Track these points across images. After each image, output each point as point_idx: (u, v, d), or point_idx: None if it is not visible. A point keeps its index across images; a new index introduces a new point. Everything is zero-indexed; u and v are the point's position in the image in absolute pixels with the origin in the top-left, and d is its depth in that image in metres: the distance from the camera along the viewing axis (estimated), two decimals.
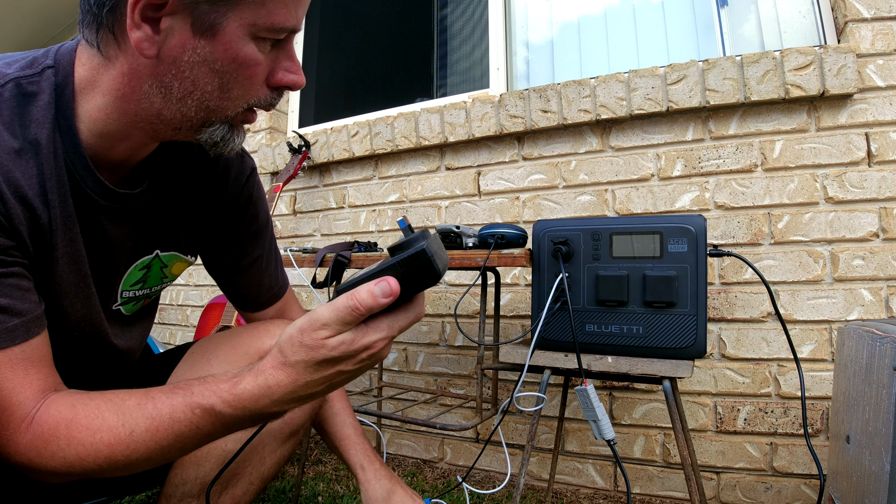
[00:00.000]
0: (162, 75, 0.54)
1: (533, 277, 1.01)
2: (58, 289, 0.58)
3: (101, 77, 0.55)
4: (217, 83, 0.54)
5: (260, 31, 0.53)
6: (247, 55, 0.54)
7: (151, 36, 0.51)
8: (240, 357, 0.73)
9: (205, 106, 0.56)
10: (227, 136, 0.60)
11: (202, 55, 0.52)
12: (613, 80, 1.45)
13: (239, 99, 0.57)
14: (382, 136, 1.81)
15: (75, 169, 0.57)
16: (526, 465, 0.93)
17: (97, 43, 0.54)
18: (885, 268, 1.20)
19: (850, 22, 1.25)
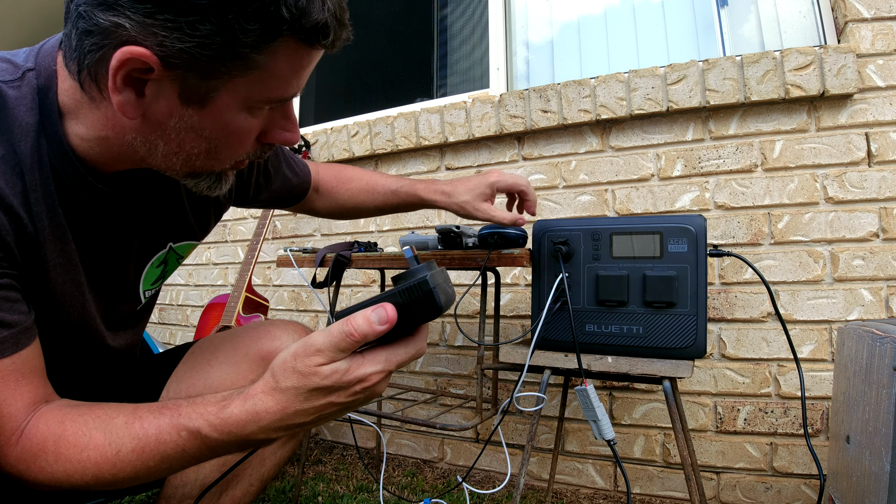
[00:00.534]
0: (147, 134, 0.51)
1: (533, 277, 1.01)
2: (52, 298, 0.57)
3: (83, 112, 0.53)
4: (204, 147, 0.52)
5: (255, 103, 0.51)
6: (238, 125, 0.51)
7: (135, 100, 0.48)
8: (240, 358, 0.73)
9: (191, 164, 0.54)
10: (214, 184, 0.58)
11: (190, 123, 0.50)
12: (613, 80, 1.45)
13: (227, 159, 0.55)
14: (382, 136, 1.81)
15: (66, 176, 0.55)
16: (526, 465, 0.93)
17: (80, 81, 0.50)
18: (885, 268, 1.20)
19: (850, 22, 1.25)
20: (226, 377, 0.71)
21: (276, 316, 2.03)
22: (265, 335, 0.75)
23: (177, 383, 0.74)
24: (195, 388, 0.72)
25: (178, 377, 0.74)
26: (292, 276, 2.03)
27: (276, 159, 0.90)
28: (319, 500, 1.38)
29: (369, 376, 0.48)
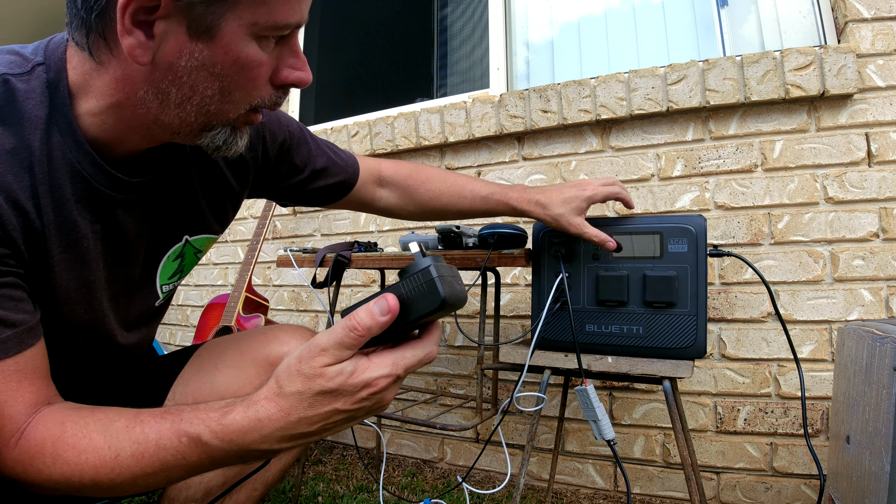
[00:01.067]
0: (158, 81, 0.50)
1: (533, 277, 1.01)
2: (56, 296, 0.57)
3: (94, 82, 0.52)
4: (217, 87, 0.51)
5: (262, 30, 0.50)
6: (248, 56, 0.50)
7: (145, 42, 0.47)
8: (247, 363, 0.72)
9: (205, 111, 0.53)
10: (230, 139, 0.57)
11: (200, 59, 0.49)
12: (613, 80, 1.45)
13: (241, 101, 0.54)
14: (382, 136, 1.81)
15: (83, 167, 0.55)
16: (526, 465, 0.93)
17: (88, 47, 0.51)
18: (885, 268, 1.20)
19: (850, 22, 1.25)
20: (232, 381, 0.71)
21: (276, 316, 2.03)
22: (273, 340, 0.74)
23: (183, 386, 0.73)
24: (201, 391, 0.71)
25: (185, 380, 0.74)
26: (292, 276, 2.03)
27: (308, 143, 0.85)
28: (319, 500, 1.38)
29: (376, 380, 0.46)
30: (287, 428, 0.47)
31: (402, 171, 0.97)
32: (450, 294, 0.45)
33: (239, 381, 0.71)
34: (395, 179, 0.97)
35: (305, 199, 0.90)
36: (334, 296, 1.34)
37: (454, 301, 0.46)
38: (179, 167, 0.67)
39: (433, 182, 0.96)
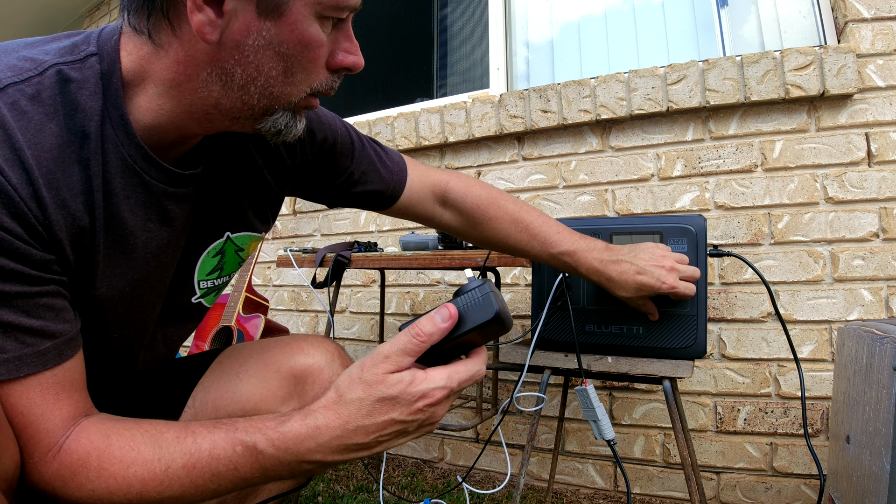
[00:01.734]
0: (223, 61, 0.50)
1: (533, 277, 1.01)
2: (98, 293, 0.55)
3: (152, 66, 0.52)
4: (281, 67, 0.52)
5: (325, 10, 0.50)
6: (312, 36, 0.51)
7: (214, 19, 0.47)
8: (270, 374, 0.70)
9: (268, 92, 0.53)
10: (290, 122, 0.57)
11: (267, 38, 0.49)
12: (613, 80, 1.45)
13: (302, 83, 0.54)
14: (382, 136, 1.81)
15: (135, 161, 0.54)
16: (526, 465, 0.93)
17: (148, 30, 0.50)
18: (885, 268, 1.20)
19: (850, 22, 1.25)
20: (254, 391, 0.69)
21: (276, 316, 2.03)
22: (298, 351, 0.72)
23: (203, 393, 0.71)
24: (223, 399, 0.70)
25: (206, 387, 0.72)
26: (292, 276, 2.03)
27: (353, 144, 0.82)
28: (319, 500, 1.38)
29: (432, 391, 0.48)
30: (344, 437, 0.48)
31: (469, 198, 0.88)
32: (502, 309, 0.49)
33: (261, 391, 0.69)
34: (461, 206, 0.89)
35: (349, 203, 0.86)
36: (334, 296, 1.34)
37: (505, 316, 0.50)
38: (224, 162, 0.66)
39: (501, 223, 0.88)
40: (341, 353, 0.74)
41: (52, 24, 3.68)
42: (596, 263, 0.84)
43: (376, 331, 1.79)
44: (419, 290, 1.73)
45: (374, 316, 1.81)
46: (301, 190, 0.82)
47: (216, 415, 0.69)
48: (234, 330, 1.73)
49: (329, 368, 0.71)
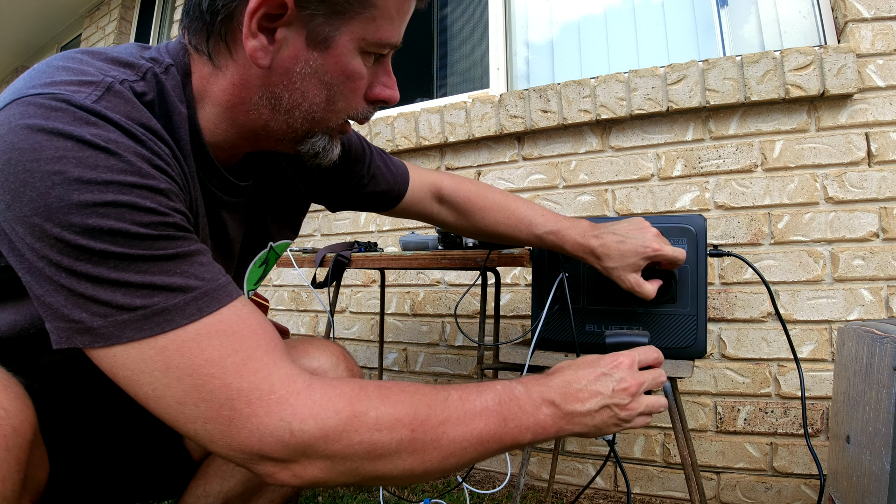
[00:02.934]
0: (273, 86, 0.54)
1: (533, 277, 1.01)
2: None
3: (211, 87, 0.55)
4: (324, 95, 0.55)
5: (367, 46, 0.54)
6: (354, 68, 0.55)
7: (266, 46, 0.51)
8: None
9: (311, 117, 0.57)
10: (327, 146, 0.61)
11: (314, 67, 0.53)
12: (613, 80, 1.45)
13: (342, 111, 0.58)
14: (382, 136, 1.81)
15: (200, 168, 0.57)
16: (526, 465, 0.93)
17: (208, 51, 0.54)
18: (885, 268, 1.20)
19: (850, 22, 1.25)
20: None
21: (276, 316, 2.03)
22: (304, 355, 0.73)
23: None
24: None
25: None
26: (292, 276, 2.02)
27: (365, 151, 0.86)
28: (319, 500, 1.38)
29: (633, 380, 0.59)
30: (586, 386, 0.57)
31: (461, 193, 0.95)
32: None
33: None
34: (453, 200, 0.95)
35: (357, 205, 0.90)
36: (334, 296, 1.34)
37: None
38: (264, 174, 0.70)
39: (490, 212, 0.94)
40: (346, 357, 0.76)
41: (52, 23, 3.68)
42: (579, 238, 0.87)
43: (376, 331, 1.79)
44: (419, 290, 1.73)
45: (374, 316, 1.81)
46: (324, 194, 0.86)
47: None
48: None
49: (334, 371, 0.72)
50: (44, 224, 0.41)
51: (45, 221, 0.41)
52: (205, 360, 0.43)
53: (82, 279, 0.42)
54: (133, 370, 0.43)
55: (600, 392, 0.57)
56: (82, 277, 0.42)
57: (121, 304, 0.42)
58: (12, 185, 0.41)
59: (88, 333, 0.42)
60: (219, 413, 0.43)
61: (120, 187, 0.42)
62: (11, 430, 0.39)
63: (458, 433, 0.49)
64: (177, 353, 0.43)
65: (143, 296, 0.42)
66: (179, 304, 0.43)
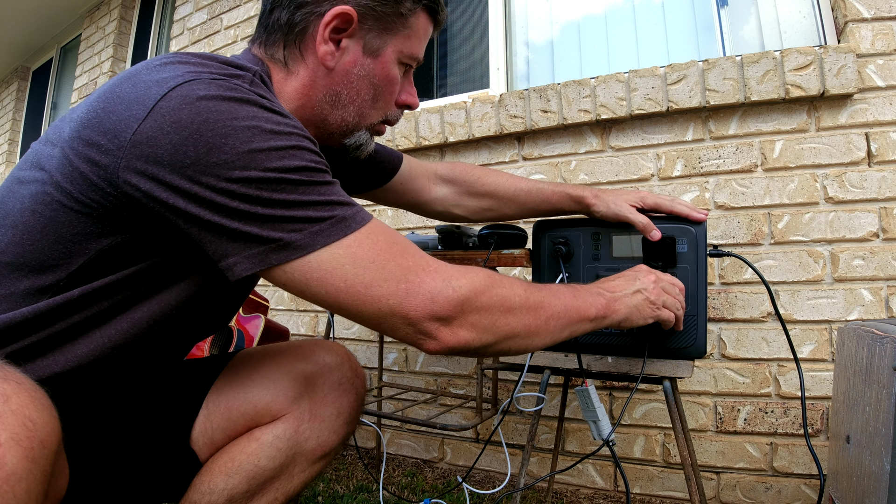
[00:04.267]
0: (335, 85, 0.68)
1: (533, 277, 1.01)
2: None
3: (285, 88, 0.68)
4: (371, 94, 0.70)
5: (403, 58, 0.70)
6: (394, 74, 0.71)
7: (333, 52, 0.66)
8: (282, 375, 0.74)
9: (360, 112, 0.71)
10: (367, 140, 0.74)
11: (367, 70, 0.68)
12: (613, 80, 1.45)
13: (381, 110, 0.72)
14: (383, 135, 1.81)
15: None
16: (526, 465, 0.93)
17: (284, 58, 0.67)
18: (885, 268, 1.20)
19: (850, 22, 1.25)
20: (266, 393, 0.73)
21: (276, 316, 2.03)
22: (309, 355, 0.76)
23: (217, 395, 0.74)
24: (235, 400, 0.73)
25: (219, 389, 0.75)
26: None
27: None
28: (319, 500, 1.38)
29: (650, 276, 0.77)
30: (628, 284, 0.75)
31: (457, 168, 1.05)
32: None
33: (273, 393, 0.72)
34: (451, 175, 1.04)
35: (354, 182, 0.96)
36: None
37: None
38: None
39: (490, 176, 1.04)
40: (350, 357, 0.77)
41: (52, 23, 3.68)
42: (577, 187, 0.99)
43: None
44: None
45: None
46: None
47: (229, 415, 0.73)
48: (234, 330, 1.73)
49: (339, 370, 0.75)
50: (246, 167, 0.51)
51: (247, 164, 0.51)
52: (380, 250, 0.55)
53: (277, 206, 0.52)
54: (327, 269, 0.53)
55: (632, 281, 0.75)
56: (278, 204, 0.52)
57: (313, 217, 0.53)
58: (210, 139, 0.50)
59: (286, 249, 0.53)
60: (397, 287, 0.54)
61: (298, 137, 0.56)
62: (39, 442, 0.40)
63: (552, 299, 0.65)
64: (360, 248, 0.54)
65: (328, 210, 0.54)
66: (350, 213, 0.55)
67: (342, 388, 0.74)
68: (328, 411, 0.73)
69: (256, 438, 0.70)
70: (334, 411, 0.73)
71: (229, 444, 0.72)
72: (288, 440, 0.70)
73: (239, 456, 0.70)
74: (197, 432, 0.72)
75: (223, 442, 0.72)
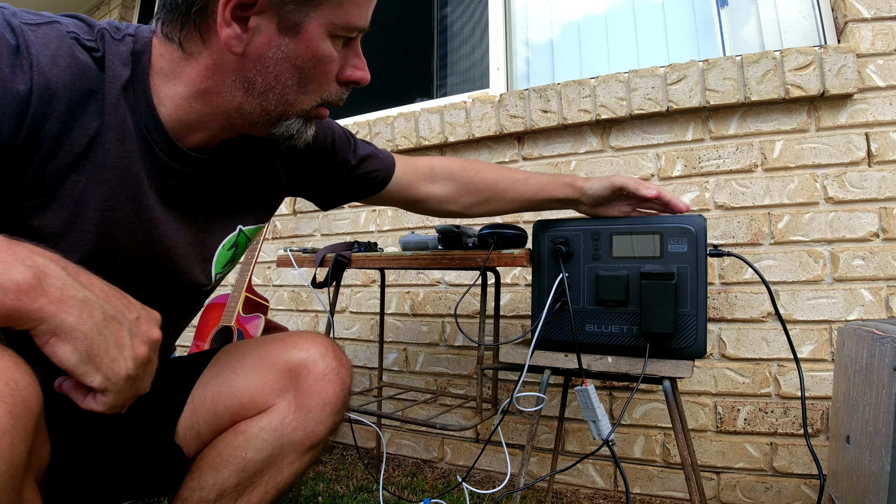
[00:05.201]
0: (246, 71, 0.58)
1: (533, 277, 1.01)
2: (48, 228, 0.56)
3: (182, 70, 0.58)
4: (296, 78, 0.59)
5: (336, 30, 0.58)
6: (324, 52, 0.59)
7: (240, 34, 0.55)
8: (267, 368, 0.73)
9: (284, 100, 0.60)
10: (301, 129, 0.64)
11: (285, 52, 0.57)
12: (613, 80, 1.45)
13: (314, 94, 0.62)
14: (382, 136, 1.81)
15: (148, 131, 0.59)
16: (526, 465, 0.93)
17: (179, 39, 0.57)
18: (885, 268, 1.20)
19: (850, 22, 1.25)
20: (251, 385, 0.72)
21: (276, 316, 2.03)
22: (293, 346, 0.75)
23: (202, 389, 0.74)
24: (220, 394, 0.73)
25: (204, 383, 0.75)
26: (292, 276, 2.02)
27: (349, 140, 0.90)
28: (319, 500, 1.38)
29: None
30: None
31: (454, 165, 1.02)
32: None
33: (257, 385, 0.72)
34: (448, 172, 1.01)
35: (348, 192, 0.93)
36: (334, 296, 1.34)
37: None
38: (245, 162, 0.73)
39: (487, 171, 1.01)
40: (335, 348, 0.77)
41: None
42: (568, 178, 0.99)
43: (376, 331, 1.79)
44: (419, 290, 1.73)
45: (374, 316, 1.81)
46: (305, 187, 0.88)
47: (214, 409, 0.72)
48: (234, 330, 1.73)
49: (323, 361, 0.74)
50: None
51: None
52: None
53: None
54: None
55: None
56: None
57: None
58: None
59: None
60: None
61: None
62: (21, 400, 0.40)
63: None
64: None
65: None
66: None
67: (327, 378, 0.73)
68: (314, 402, 0.72)
69: (242, 432, 0.70)
70: (320, 402, 0.72)
71: (216, 439, 0.72)
72: (273, 432, 0.70)
73: (226, 450, 0.70)
74: (183, 427, 0.72)
75: (210, 436, 0.72)
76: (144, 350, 0.47)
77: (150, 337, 0.49)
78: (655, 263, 0.90)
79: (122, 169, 0.58)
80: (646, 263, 0.91)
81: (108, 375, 0.44)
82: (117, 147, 0.57)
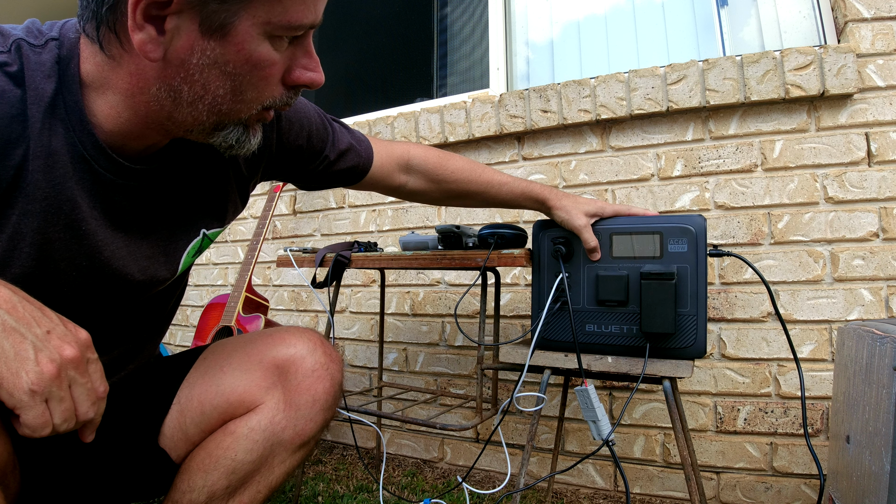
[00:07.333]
0: (170, 78, 0.50)
1: (533, 277, 1.01)
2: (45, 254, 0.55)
3: (109, 76, 0.52)
4: (229, 86, 0.51)
5: (276, 30, 0.50)
6: (261, 56, 0.50)
7: (156, 37, 0.47)
8: (254, 365, 0.72)
9: (217, 110, 0.53)
10: (242, 138, 0.57)
11: (212, 57, 0.49)
12: (613, 80, 1.45)
13: (253, 101, 0.54)
14: (382, 135, 1.81)
15: (84, 148, 0.54)
16: (526, 465, 0.93)
17: (98, 41, 0.50)
18: (885, 268, 1.20)
19: (850, 22, 1.25)
20: (238, 383, 0.71)
21: (276, 316, 2.03)
22: (280, 342, 0.73)
23: (188, 389, 0.73)
24: (207, 393, 0.71)
25: (190, 383, 0.73)
26: (292, 276, 2.02)
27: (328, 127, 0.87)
28: (319, 500, 1.38)
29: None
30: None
31: (431, 160, 0.99)
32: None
33: (245, 383, 0.71)
34: (424, 166, 0.99)
35: (325, 182, 0.92)
36: (334, 296, 1.33)
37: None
38: (192, 159, 0.67)
39: (462, 171, 1.00)
40: (323, 343, 0.75)
41: None
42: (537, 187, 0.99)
43: (376, 331, 1.79)
44: (419, 290, 1.73)
45: (374, 316, 1.81)
46: (278, 173, 0.85)
47: (202, 409, 0.71)
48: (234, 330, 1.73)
49: (311, 357, 0.72)
50: None
51: None
52: None
53: None
54: None
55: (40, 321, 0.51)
56: None
57: None
58: None
59: None
60: None
61: None
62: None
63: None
64: None
65: None
66: None
67: (316, 374, 0.71)
68: (303, 399, 0.70)
69: (231, 432, 0.69)
70: (309, 399, 0.71)
71: (206, 440, 0.70)
72: (263, 431, 0.69)
73: (215, 451, 0.68)
74: (170, 428, 0.71)
75: (198, 437, 0.71)
76: (52, 367, 0.43)
77: (61, 354, 0.44)
78: (655, 263, 0.90)
79: (54, 198, 0.53)
80: (646, 263, 0.91)
81: (10, 390, 0.41)
82: (46, 175, 0.52)
